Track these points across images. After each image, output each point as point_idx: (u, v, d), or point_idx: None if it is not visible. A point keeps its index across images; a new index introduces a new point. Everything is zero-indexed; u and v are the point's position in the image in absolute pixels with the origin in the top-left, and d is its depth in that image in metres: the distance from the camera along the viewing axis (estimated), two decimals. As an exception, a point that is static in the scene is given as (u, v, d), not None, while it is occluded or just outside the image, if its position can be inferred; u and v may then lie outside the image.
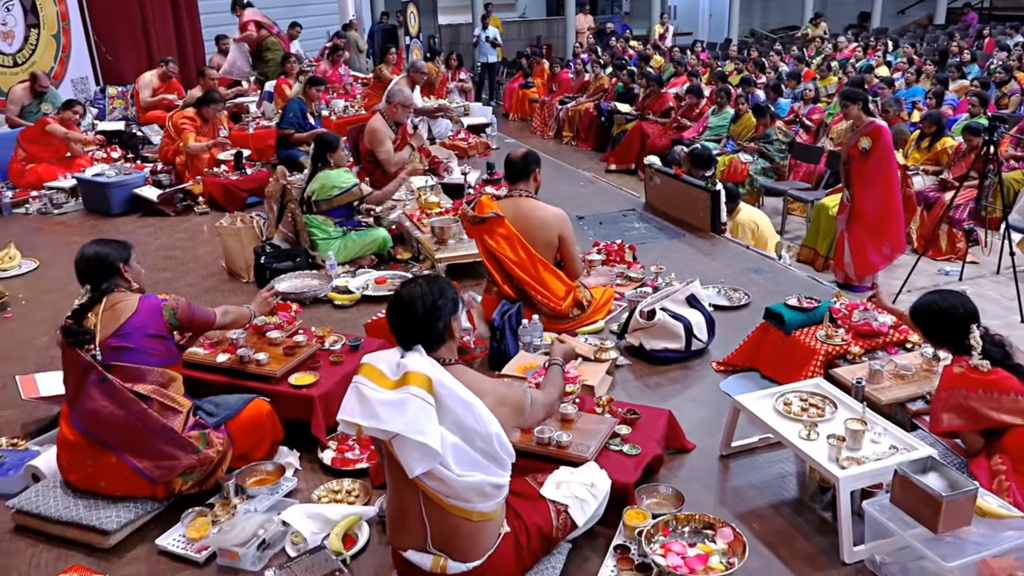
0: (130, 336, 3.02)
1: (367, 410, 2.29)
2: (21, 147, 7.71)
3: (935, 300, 3.08)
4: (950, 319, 2.99)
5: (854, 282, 6.30)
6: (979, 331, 2.93)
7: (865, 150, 6.05)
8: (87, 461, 2.99)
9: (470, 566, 2.43)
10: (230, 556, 2.79)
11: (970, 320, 2.96)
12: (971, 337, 2.92)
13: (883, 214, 6.28)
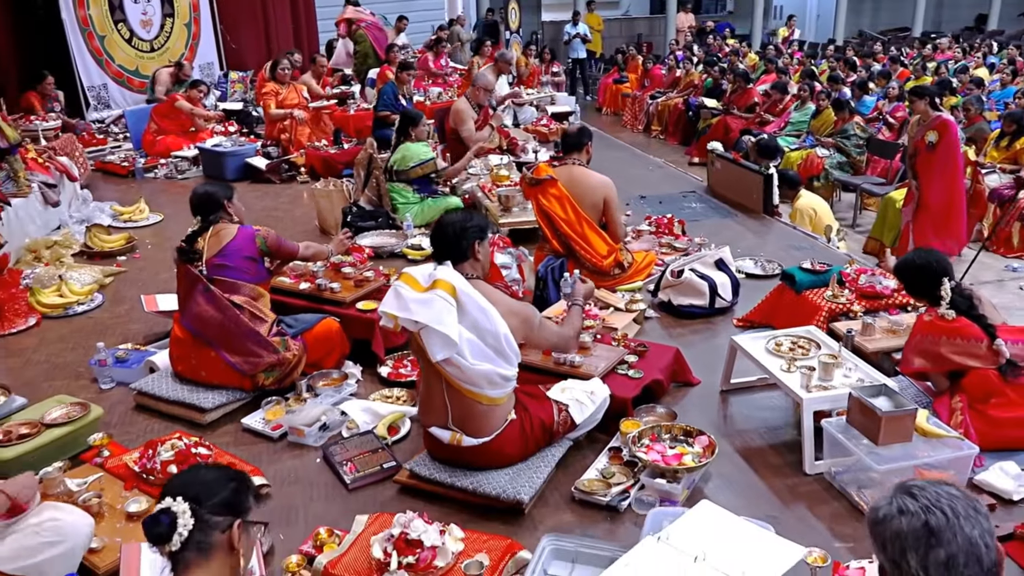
0: (229, 257, 3.75)
1: (402, 305, 2.91)
2: (153, 121, 8.75)
3: (914, 257, 3.46)
4: (925, 273, 3.36)
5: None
6: (950, 284, 3.30)
7: (932, 144, 6.23)
8: (192, 355, 3.73)
9: (480, 441, 3.01)
10: (297, 433, 3.46)
11: (942, 275, 3.32)
12: (942, 289, 3.29)
13: (947, 207, 6.43)
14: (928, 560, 1.52)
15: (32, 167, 6.12)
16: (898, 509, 1.58)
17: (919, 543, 1.53)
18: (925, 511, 1.55)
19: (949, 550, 1.51)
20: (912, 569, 1.54)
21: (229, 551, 1.79)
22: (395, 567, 2.55)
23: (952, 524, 1.53)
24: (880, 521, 1.60)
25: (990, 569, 1.52)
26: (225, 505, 1.80)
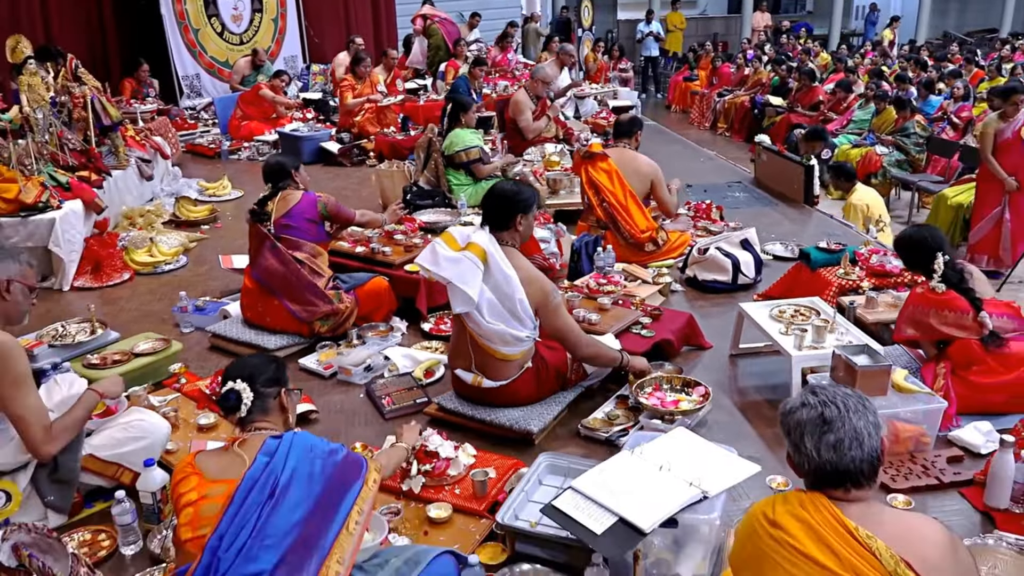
0: (294, 218, 4.27)
1: (435, 260, 3.35)
2: (239, 107, 9.47)
3: (911, 232, 3.72)
4: (921, 247, 3.61)
5: (1005, 267, 6.41)
6: (943, 259, 3.55)
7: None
8: (259, 303, 4.26)
9: (498, 384, 3.43)
10: (345, 372, 3.96)
11: (936, 249, 3.57)
12: (935, 263, 3.55)
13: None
14: (820, 443, 1.88)
15: (130, 144, 6.81)
16: (801, 403, 1.94)
17: (815, 429, 1.89)
18: (822, 404, 1.91)
19: (838, 435, 1.87)
20: (807, 450, 1.89)
21: (281, 410, 2.33)
22: (415, 473, 3.01)
23: (842, 415, 1.88)
24: (787, 412, 1.97)
25: (870, 452, 1.87)
26: (271, 379, 2.31)
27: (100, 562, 2.75)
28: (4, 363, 2.72)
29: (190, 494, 2.19)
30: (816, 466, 1.89)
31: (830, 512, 1.85)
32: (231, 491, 2.12)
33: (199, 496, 2.17)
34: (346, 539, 2.17)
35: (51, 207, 5.22)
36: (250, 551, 2.06)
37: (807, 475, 1.93)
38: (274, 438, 2.20)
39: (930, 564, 1.78)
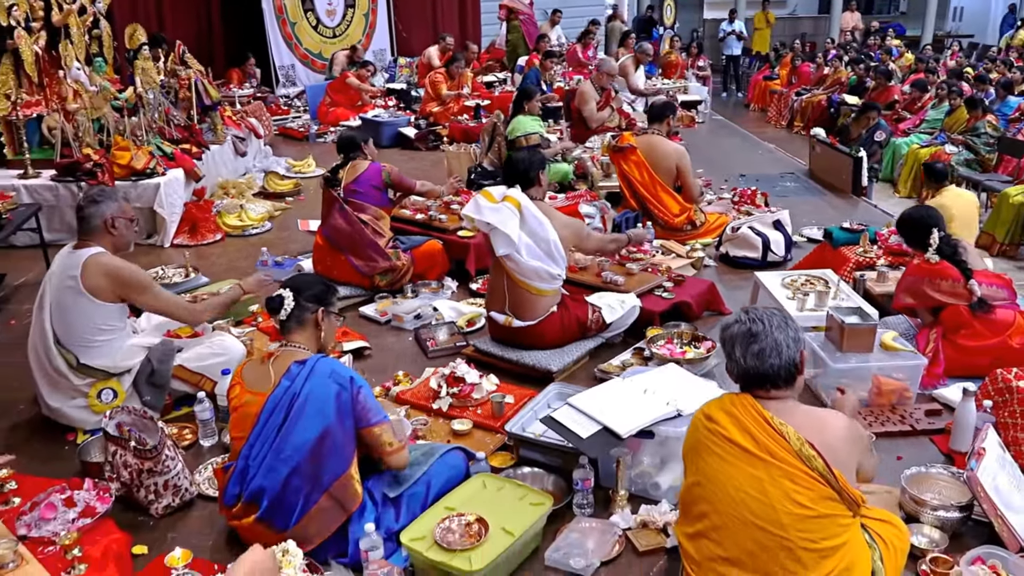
0: (361, 184, 4.84)
1: (478, 210, 3.85)
2: (328, 95, 10.20)
3: (911, 211, 4.03)
4: (918, 224, 3.92)
5: None
6: (938, 234, 3.85)
7: None
8: (327, 258, 4.85)
9: (526, 324, 3.91)
10: (398, 319, 4.50)
11: (933, 226, 3.86)
12: (931, 238, 3.85)
13: None
14: (747, 352, 2.29)
15: (227, 123, 7.56)
16: (735, 320, 2.36)
17: (744, 341, 2.30)
18: (750, 321, 2.32)
19: (761, 345, 2.28)
20: (737, 358, 2.31)
21: (315, 326, 2.79)
22: (444, 394, 3.52)
23: (766, 330, 2.29)
24: (724, 328, 2.39)
25: (787, 361, 2.27)
26: (315, 297, 2.80)
27: (185, 448, 3.35)
28: (130, 275, 3.41)
29: (235, 400, 2.73)
30: (743, 371, 2.30)
31: (752, 407, 2.27)
32: (260, 405, 2.62)
33: (240, 403, 2.70)
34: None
35: (157, 173, 5.96)
36: (270, 464, 2.57)
37: (737, 379, 2.35)
38: (298, 363, 2.64)
39: (829, 444, 2.19)
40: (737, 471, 2.23)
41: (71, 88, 6.17)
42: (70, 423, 3.47)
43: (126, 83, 7.10)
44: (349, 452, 2.62)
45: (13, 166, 6.06)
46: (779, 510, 2.17)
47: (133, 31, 7.22)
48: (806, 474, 2.17)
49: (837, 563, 2.18)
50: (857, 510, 2.24)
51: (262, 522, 2.55)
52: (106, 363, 3.46)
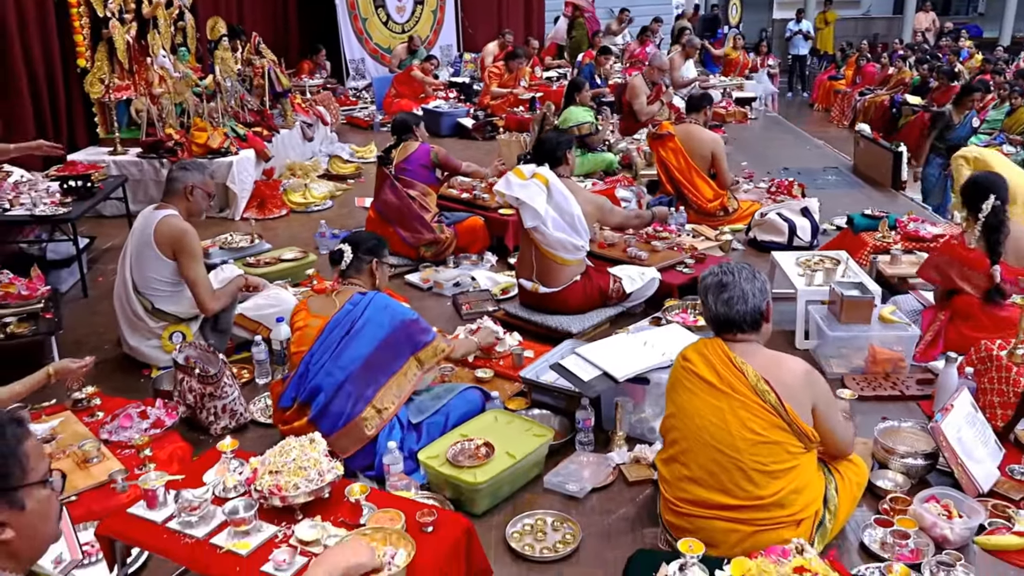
0: (410, 163, 5.28)
1: (509, 186, 4.24)
2: (393, 86, 10.72)
3: (979, 174, 4.17)
4: (979, 186, 3.93)
5: None
6: (993, 202, 3.82)
7: None
8: (378, 230, 5.27)
9: (552, 290, 4.28)
10: (438, 286, 4.93)
11: (991, 192, 3.84)
12: (985, 202, 3.84)
13: None
14: (718, 300, 2.61)
15: (297, 110, 8.12)
16: (709, 273, 2.69)
17: (715, 290, 2.63)
18: (722, 274, 2.64)
19: (730, 294, 2.60)
20: (710, 305, 2.63)
21: (371, 275, 3.25)
22: (471, 347, 3.92)
23: (735, 281, 2.61)
24: (701, 280, 2.71)
25: (752, 308, 2.58)
26: (369, 250, 3.24)
27: (242, 385, 3.82)
28: (188, 241, 3.86)
29: (299, 322, 3.20)
30: (714, 316, 2.63)
31: (720, 348, 2.60)
32: (323, 325, 3.09)
33: (303, 324, 3.17)
34: (402, 378, 3.10)
35: (230, 153, 6.51)
36: (328, 369, 3.02)
37: (710, 324, 2.67)
38: (360, 294, 3.15)
39: (784, 384, 2.50)
40: (702, 403, 2.56)
41: (157, 74, 6.78)
42: (145, 360, 3.98)
43: (206, 71, 7.69)
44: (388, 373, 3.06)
45: (105, 144, 6.70)
46: (735, 436, 2.49)
47: (214, 23, 7.81)
48: (760, 406, 2.49)
49: (786, 484, 2.49)
50: (809, 444, 2.54)
51: (311, 423, 2.99)
52: (177, 309, 3.95)
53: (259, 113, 7.39)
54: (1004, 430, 3.26)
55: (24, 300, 3.97)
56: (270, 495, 2.20)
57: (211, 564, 2.10)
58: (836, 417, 2.64)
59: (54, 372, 3.09)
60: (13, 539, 1.45)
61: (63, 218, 4.82)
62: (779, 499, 2.48)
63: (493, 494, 2.93)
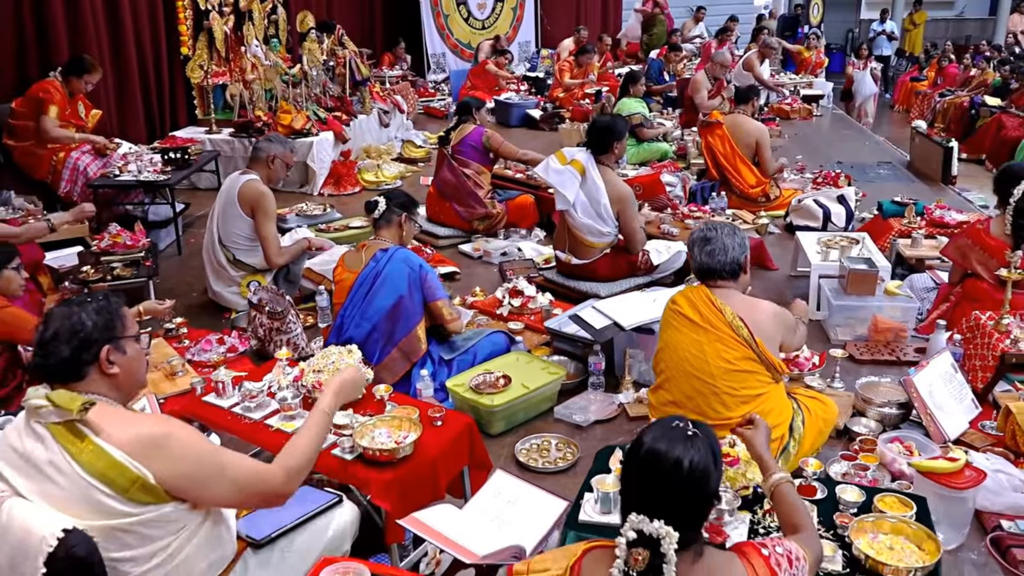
0: (465, 144, 5.78)
1: (545, 169, 4.69)
2: (469, 79, 11.28)
3: (1013, 163, 4.39)
4: (1010, 174, 4.10)
5: None
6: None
7: None
8: (436, 205, 5.83)
9: (583, 261, 4.71)
10: (487, 255, 5.42)
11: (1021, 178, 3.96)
12: (1015, 188, 3.97)
13: None
14: (702, 252, 3.01)
15: (375, 98, 8.74)
16: (697, 231, 3.09)
17: (700, 243, 3.02)
18: (708, 230, 3.04)
19: (712, 246, 2.99)
20: (695, 255, 3.04)
21: (399, 227, 3.72)
22: (506, 303, 4.39)
23: (718, 235, 3.00)
24: (690, 235, 3.12)
25: (731, 259, 2.97)
26: (400, 204, 3.73)
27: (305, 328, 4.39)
28: (265, 202, 4.45)
29: (337, 276, 3.71)
30: (698, 265, 3.03)
31: (703, 292, 3.00)
32: (354, 279, 3.57)
33: (340, 278, 3.67)
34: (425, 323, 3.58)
35: (311, 134, 7.15)
36: (357, 321, 3.52)
37: (695, 273, 3.08)
38: (382, 251, 3.60)
39: (756, 321, 2.89)
40: (685, 337, 2.97)
41: (250, 62, 7.48)
42: (226, 304, 4.60)
43: (295, 60, 8.38)
44: (416, 318, 3.54)
45: (202, 124, 7.45)
46: (711, 364, 2.89)
47: (303, 17, 8.50)
48: (734, 339, 2.88)
49: (754, 408, 2.87)
50: (777, 375, 2.92)
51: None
52: (254, 261, 4.55)
53: (339, 99, 8.03)
54: (983, 391, 3.54)
55: (128, 249, 4.63)
56: (313, 389, 2.73)
57: (265, 440, 2.64)
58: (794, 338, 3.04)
59: (143, 310, 3.70)
60: (118, 374, 1.99)
61: (163, 184, 5.51)
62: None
63: (507, 418, 3.40)
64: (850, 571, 2.03)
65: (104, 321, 2.01)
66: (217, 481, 1.98)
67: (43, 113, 5.49)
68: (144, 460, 1.89)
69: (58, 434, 1.89)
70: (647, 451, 1.61)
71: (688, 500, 1.58)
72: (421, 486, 2.47)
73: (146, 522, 1.92)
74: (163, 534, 1.96)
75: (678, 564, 1.53)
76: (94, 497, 1.87)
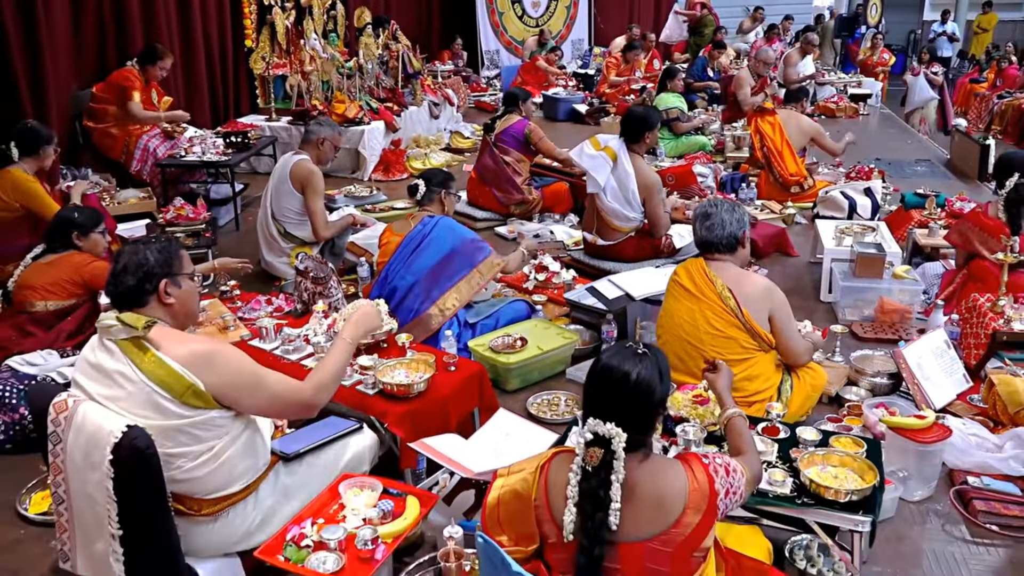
0: (508, 133, 6.11)
1: (579, 154, 4.99)
2: (519, 75, 11.62)
3: (1012, 152, 4.56)
4: (1007, 164, 4.33)
5: None
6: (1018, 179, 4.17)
7: None
8: (476, 189, 6.18)
9: (608, 243, 5.00)
10: (520, 236, 5.73)
11: (1017, 170, 4.20)
12: (1009, 180, 4.21)
13: None
14: (702, 226, 3.29)
15: (426, 90, 9.14)
16: (699, 206, 3.36)
17: (702, 218, 3.30)
18: (708, 206, 3.32)
19: (712, 221, 3.27)
20: (696, 230, 3.31)
21: (440, 203, 4.10)
22: (532, 278, 4.71)
23: (718, 211, 3.28)
24: (694, 212, 3.39)
25: (728, 234, 3.24)
26: (439, 183, 4.10)
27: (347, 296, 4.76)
28: (314, 180, 4.85)
29: (384, 240, 4.09)
30: (699, 239, 3.31)
31: (700, 264, 3.27)
32: (400, 241, 3.95)
33: (387, 241, 4.05)
34: (464, 285, 3.92)
35: (363, 122, 7.57)
36: (402, 274, 3.89)
37: (696, 245, 3.35)
38: (429, 217, 3.99)
39: (745, 293, 3.15)
40: (681, 305, 3.26)
41: (309, 55, 7.93)
42: (277, 273, 5.01)
43: (352, 54, 8.81)
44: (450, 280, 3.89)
45: (262, 112, 7.93)
46: (701, 330, 3.17)
47: (360, 13, 8.94)
48: (722, 308, 3.15)
49: (738, 372, 3.12)
50: (763, 344, 3.18)
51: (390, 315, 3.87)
52: (303, 234, 4.95)
53: (391, 91, 8.44)
54: (976, 367, 3.73)
55: (190, 221, 5.09)
56: (342, 335, 3.08)
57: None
58: (791, 328, 3.26)
59: (219, 265, 4.13)
60: (174, 304, 2.38)
61: (224, 164, 5.97)
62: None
63: (522, 376, 3.72)
64: (797, 494, 2.29)
65: (164, 259, 2.39)
66: (256, 391, 2.36)
67: (128, 100, 5.99)
68: (196, 371, 2.27)
69: (125, 348, 2.28)
70: (602, 366, 1.92)
71: (635, 407, 1.88)
72: (432, 419, 2.81)
73: (196, 424, 2.30)
74: (210, 436, 2.33)
75: (626, 462, 1.83)
76: (154, 400, 2.26)
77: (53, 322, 3.77)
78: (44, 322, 3.74)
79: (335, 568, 2.24)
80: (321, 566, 2.24)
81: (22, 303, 3.76)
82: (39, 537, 2.79)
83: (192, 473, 2.34)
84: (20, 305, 3.77)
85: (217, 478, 2.39)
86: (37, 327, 3.71)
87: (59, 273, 3.79)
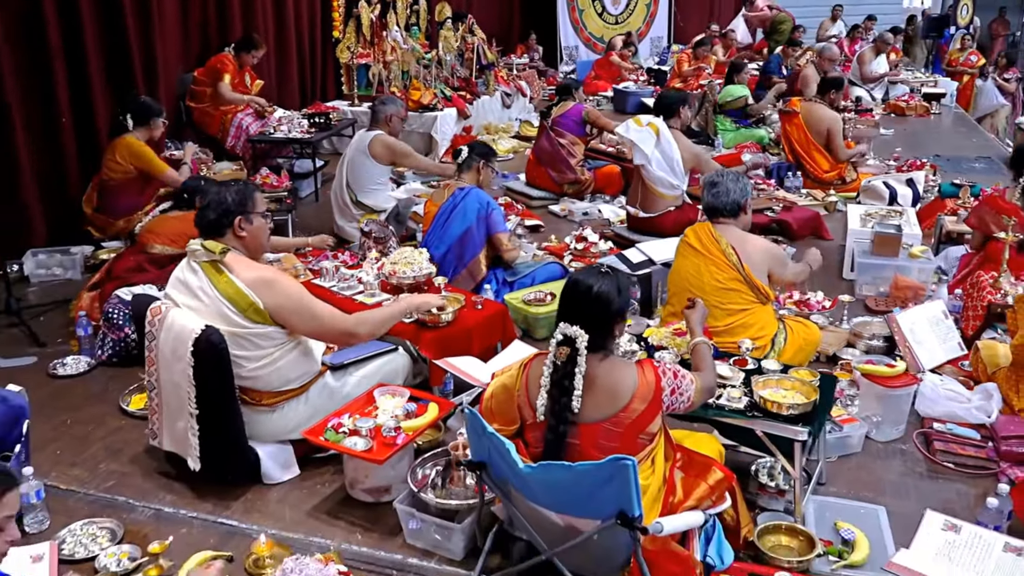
0: (564, 117, 6.57)
1: (627, 129, 5.42)
2: (594, 70, 12.04)
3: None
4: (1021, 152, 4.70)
5: None
6: None
7: None
8: (533, 170, 6.66)
9: (649, 215, 5.41)
10: (571, 215, 6.19)
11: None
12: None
13: None
14: (710, 192, 3.69)
15: (500, 81, 9.66)
16: (709, 177, 3.76)
17: (709, 187, 3.71)
18: (715, 175, 3.72)
19: (718, 190, 3.66)
20: (704, 196, 3.72)
21: (477, 172, 4.59)
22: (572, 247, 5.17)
23: (724, 181, 3.67)
24: (702, 183, 3.79)
25: (732, 201, 3.63)
26: (480, 153, 4.59)
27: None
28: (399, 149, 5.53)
29: (426, 208, 4.62)
30: (706, 205, 3.71)
31: (707, 227, 3.68)
32: (436, 211, 4.47)
33: (427, 210, 4.58)
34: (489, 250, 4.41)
35: (437, 109, 8.14)
36: (436, 243, 4.40)
37: (704, 211, 3.75)
38: (460, 189, 4.49)
39: (746, 251, 3.55)
40: (688, 262, 3.67)
41: (391, 46, 8.55)
42: (347, 237, 5.60)
43: (432, 46, 9.41)
44: (479, 246, 4.39)
45: (346, 98, 8.60)
46: (705, 282, 3.58)
47: (441, 7, 9.52)
48: (725, 263, 3.55)
49: (735, 321, 3.54)
50: (761, 296, 3.56)
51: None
52: (372, 203, 5.54)
53: (465, 80, 8.99)
54: (972, 337, 4.00)
55: (274, 189, 5.74)
56: (389, 275, 3.63)
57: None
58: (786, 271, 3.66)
59: (312, 241, 4.76)
60: (246, 238, 2.95)
61: (307, 141, 6.63)
62: (729, 329, 3.53)
63: (549, 326, 4.15)
64: (749, 408, 2.70)
65: (240, 199, 2.97)
66: (305, 315, 2.92)
67: (219, 80, 6.71)
68: (258, 292, 2.84)
69: (206, 269, 2.87)
70: (572, 280, 2.39)
71: (596, 315, 2.34)
72: (457, 344, 3.32)
73: (256, 334, 2.87)
74: (267, 345, 2.90)
75: (588, 359, 2.30)
76: (223, 312, 2.84)
77: (166, 263, 4.40)
78: (158, 263, 4.36)
79: (364, 448, 2.77)
80: (353, 446, 2.78)
81: (143, 244, 4.42)
82: (136, 426, 3.41)
83: (254, 373, 2.92)
84: (142, 246, 4.43)
85: (274, 378, 2.96)
86: (152, 266, 4.34)
87: (182, 227, 4.38)
